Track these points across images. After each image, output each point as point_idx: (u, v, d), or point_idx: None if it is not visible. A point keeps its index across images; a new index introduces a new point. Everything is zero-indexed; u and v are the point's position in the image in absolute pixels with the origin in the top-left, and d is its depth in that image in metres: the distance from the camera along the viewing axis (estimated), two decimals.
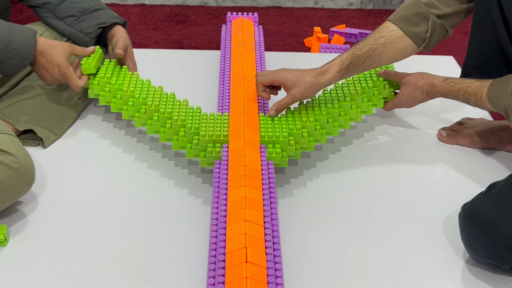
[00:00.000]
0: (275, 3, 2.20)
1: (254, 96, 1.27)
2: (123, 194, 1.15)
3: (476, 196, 0.97)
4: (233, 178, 1.03)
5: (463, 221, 0.96)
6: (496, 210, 0.91)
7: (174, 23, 2.04)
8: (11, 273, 0.96)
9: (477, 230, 0.92)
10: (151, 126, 1.20)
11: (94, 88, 1.27)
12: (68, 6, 1.38)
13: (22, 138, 1.27)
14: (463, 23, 2.08)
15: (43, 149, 1.26)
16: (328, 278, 0.97)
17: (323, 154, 1.29)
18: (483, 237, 0.91)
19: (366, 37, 1.22)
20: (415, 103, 1.29)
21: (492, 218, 0.90)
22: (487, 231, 0.90)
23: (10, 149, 0.99)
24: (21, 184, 1.02)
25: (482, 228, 0.91)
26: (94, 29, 1.35)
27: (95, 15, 1.37)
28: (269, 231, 0.92)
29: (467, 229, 0.95)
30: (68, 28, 1.37)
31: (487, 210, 0.92)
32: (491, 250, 0.91)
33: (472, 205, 0.95)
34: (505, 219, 0.89)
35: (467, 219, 0.95)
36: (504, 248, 0.89)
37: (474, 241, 0.94)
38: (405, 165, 1.26)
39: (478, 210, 0.93)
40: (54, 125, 1.29)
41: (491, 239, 0.90)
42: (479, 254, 0.95)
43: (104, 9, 1.40)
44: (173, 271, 0.97)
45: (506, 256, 0.90)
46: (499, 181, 0.97)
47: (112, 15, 1.39)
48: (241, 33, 1.56)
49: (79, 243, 1.02)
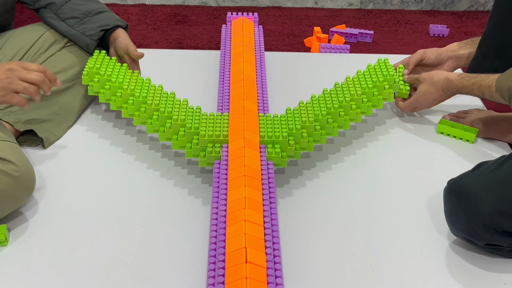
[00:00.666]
0: (275, 3, 2.19)
1: (254, 96, 1.27)
2: (123, 194, 1.15)
3: (464, 172, 1.00)
4: (232, 178, 1.03)
5: (446, 194, 0.99)
6: (479, 188, 0.93)
7: (174, 23, 2.04)
8: (11, 273, 0.96)
9: (458, 204, 0.95)
10: (151, 125, 1.20)
11: (94, 85, 1.27)
12: (72, 7, 1.38)
13: (22, 138, 1.27)
14: (463, 23, 2.08)
15: (43, 149, 1.26)
16: (328, 278, 0.97)
17: (323, 154, 1.29)
18: (462, 212, 0.94)
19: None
20: (431, 101, 1.30)
21: (474, 195, 0.93)
22: (467, 207, 0.93)
23: (11, 157, 0.99)
24: (21, 192, 1.02)
25: (462, 203, 0.94)
26: (97, 31, 1.35)
27: (98, 18, 1.37)
28: (269, 231, 0.92)
29: (449, 203, 0.98)
30: (70, 29, 1.37)
31: (470, 187, 0.94)
32: (468, 225, 0.94)
33: (458, 180, 0.98)
34: (486, 198, 0.92)
35: (450, 192, 0.98)
36: (480, 225, 0.92)
37: (453, 215, 0.97)
38: (405, 165, 1.26)
39: (462, 185, 0.96)
40: (54, 125, 1.29)
41: (469, 215, 0.93)
42: (457, 228, 0.98)
43: (107, 11, 1.40)
44: (173, 271, 0.97)
45: (481, 233, 0.93)
46: (488, 161, 1.00)
47: (114, 18, 1.39)
48: (241, 33, 1.56)
49: (79, 243, 1.02)
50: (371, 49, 1.89)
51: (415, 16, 2.14)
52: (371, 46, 1.91)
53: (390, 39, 1.95)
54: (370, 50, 1.87)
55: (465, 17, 2.13)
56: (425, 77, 1.30)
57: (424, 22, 2.09)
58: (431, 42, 1.95)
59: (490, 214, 0.91)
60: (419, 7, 2.20)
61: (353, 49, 1.86)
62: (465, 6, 2.19)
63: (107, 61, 1.31)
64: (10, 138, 1.03)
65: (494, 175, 0.94)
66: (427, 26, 2.06)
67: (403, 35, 1.99)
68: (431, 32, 1.99)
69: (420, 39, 1.96)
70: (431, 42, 1.95)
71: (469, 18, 2.13)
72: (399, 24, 2.08)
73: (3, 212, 1.02)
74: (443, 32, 1.98)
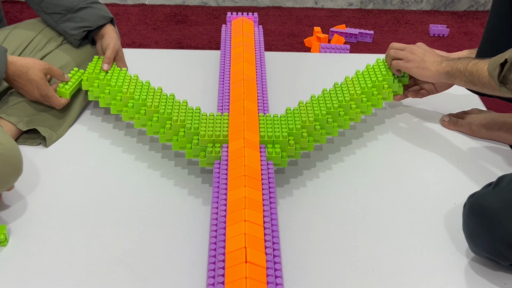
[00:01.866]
0: (275, 3, 2.19)
1: (254, 96, 1.27)
2: (123, 194, 1.15)
3: (484, 188, 0.96)
4: (232, 178, 1.03)
5: (467, 213, 0.95)
6: (502, 207, 0.89)
7: (174, 23, 2.04)
8: (11, 273, 0.96)
9: (481, 224, 0.92)
10: (151, 127, 1.20)
11: (94, 90, 1.27)
12: (53, 2, 1.35)
13: (23, 138, 1.27)
14: (463, 23, 2.08)
15: (44, 149, 1.26)
16: (328, 278, 0.97)
17: (323, 154, 1.29)
18: (486, 232, 0.91)
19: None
20: (420, 62, 1.23)
21: (498, 214, 0.89)
22: (491, 227, 0.90)
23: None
24: (7, 171, 0.99)
25: (486, 223, 0.91)
26: (79, 32, 1.34)
27: (80, 15, 1.34)
28: (269, 231, 0.92)
29: (471, 222, 0.94)
30: (56, 25, 1.36)
31: (494, 206, 0.90)
32: (493, 245, 0.91)
33: (479, 198, 0.94)
34: (511, 216, 0.88)
35: (472, 212, 0.94)
36: (506, 245, 0.89)
37: (476, 235, 0.94)
38: (405, 164, 1.26)
39: (484, 204, 0.92)
40: (55, 124, 1.30)
41: (494, 235, 0.90)
42: (479, 248, 0.94)
43: (90, 7, 1.35)
44: (173, 271, 0.97)
45: (506, 253, 0.90)
46: (508, 174, 0.96)
47: (98, 16, 1.35)
48: (241, 33, 1.56)
49: (79, 243, 1.02)
50: (371, 49, 1.89)
51: (415, 16, 2.15)
52: (371, 46, 1.91)
53: (390, 39, 1.95)
54: (370, 50, 1.87)
55: (465, 17, 2.14)
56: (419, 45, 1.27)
57: (424, 22, 2.09)
58: (431, 42, 1.95)
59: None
60: (419, 7, 2.20)
61: (353, 49, 1.86)
62: (465, 6, 2.19)
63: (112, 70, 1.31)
64: None
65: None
66: (427, 26, 2.06)
67: (403, 35, 1.99)
68: (431, 32, 1.99)
69: (420, 39, 1.96)
70: (431, 42, 1.95)
71: (469, 18, 2.13)
72: (399, 24, 2.08)
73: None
74: (443, 32, 1.98)
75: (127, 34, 1.93)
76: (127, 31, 1.95)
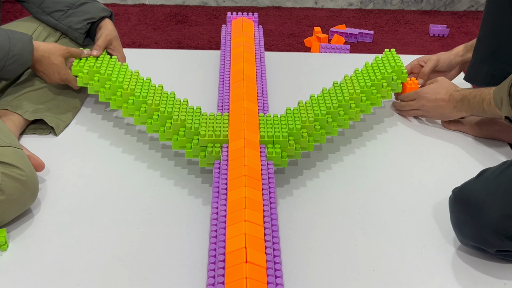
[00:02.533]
0: (275, 3, 2.20)
1: (254, 96, 1.27)
2: (123, 194, 1.15)
3: (468, 180, 0.99)
4: (233, 178, 1.03)
5: (452, 203, 0.98)
6: (485, 195, 0.92)
7: (174, 23, 2.04)
8: (11, 273, 0.96)
9: (466, 213, 0.94)
10: (151, 125, 1.20)
11: (94, 84, 1.27)
12: (54, 0, 1.37)
13: (32, 128, 1.30)
14: (463, 23, 2.08)
15: (44, 149, 1.26)
16: (328, 278, 0.97)
17: (323, 154, 1.29)
18: (471, 220, 0.93)
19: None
20: (436, 106, 1.31)
21: (481, 202, 0.92)
22: (475, 215, 0.92)
23: (16, 162, 1.01)
24: (27, 196, 1.03)
25: (470, 211, 0.93)
26: (83, 25, 1.36)
27: (82, 9, 1.37)
28: (269, 231, 0.92)
29: (456, 212, 0.97)
30: (58, 23, 1.38)
31: (477, 194, 0.93)
32: (478, 233, 0.93)
33: (463, 188, 0.97)
34: (494, 203, 0.91)
35: (457, 201, 0.97)
36: (490, 232, 0.91)
37: (462, 224, 0.96)
38: (405, 164, 1.26)
39: (468, 193, 0.95)
40: (61, 112, 1.33)
41: (478, 223, 0.92)
42: (466, 237, 0.97)
43: (90, 2, 1.39)
44: (173, 271, 0.97)
45: (491, 240, 0.92)
46: (491, 167, 0.99)
47: (99, 8, 1.39)
48: (241, 33, 1.56)
49: (79, 243, 1.02)
50: (371, 49, 1.89)
51: (415, 16, 2.15)
52: (371, 46, 1.91)
53: (390, 39, 1.95)
54: (370, 50, 1.87)
55: (465, 17, 2.14)
56: (437, 79, 1.33)
57: (424, 22, 2.09)
58: (431, 42, 1.95)
59: (499, 220, 0.90)
60: (419, 7, 2.20)
61: (353, 49, 1.86)
62: (465, 6, 2.19)
63: (107, 60, 1.31)
64: (14, 143, 1.04)
65: (500, 180, 0.93)
66: (427, 26, 2.06)
67: (403, 35, 1.99)
68: (431, 32, 1.99)
69: (420, 39, 1.96)
70: (431, 42, 1.95)
71: (469, 18, 2.13)
72: (399, 24, 2.08)
73: (9, 216, 1.02)
74: (443, 32, 1.98)
75: (127, 34, 1.93)
76: (127, 31, 1.95)
